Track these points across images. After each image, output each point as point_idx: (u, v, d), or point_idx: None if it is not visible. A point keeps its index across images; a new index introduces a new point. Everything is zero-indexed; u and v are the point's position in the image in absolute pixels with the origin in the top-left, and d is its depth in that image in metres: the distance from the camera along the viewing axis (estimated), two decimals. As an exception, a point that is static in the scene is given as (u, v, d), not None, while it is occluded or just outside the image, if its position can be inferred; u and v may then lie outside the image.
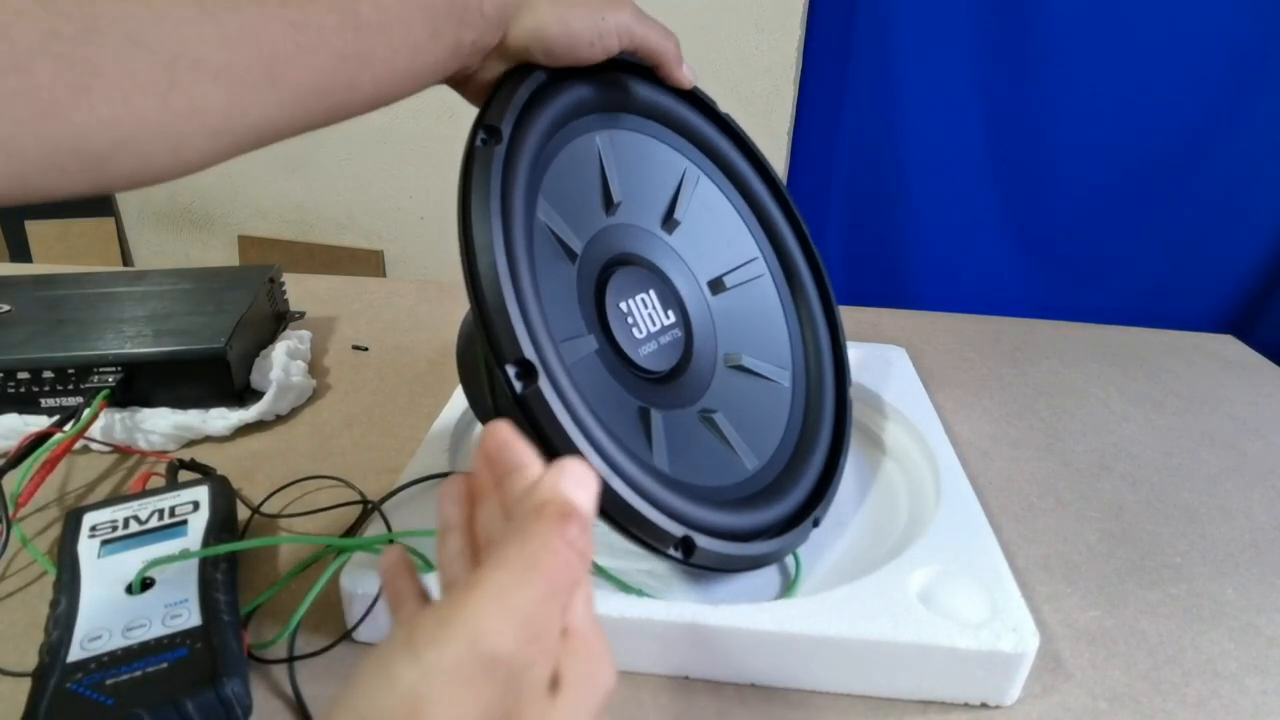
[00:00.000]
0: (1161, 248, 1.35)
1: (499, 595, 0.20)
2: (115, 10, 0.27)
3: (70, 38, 0.26)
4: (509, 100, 0.41)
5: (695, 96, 0.52)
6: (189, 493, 0.48)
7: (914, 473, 0.56)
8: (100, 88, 0.27)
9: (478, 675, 0.19)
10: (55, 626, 0.39)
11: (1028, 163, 1.37)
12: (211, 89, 0.29)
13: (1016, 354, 0.81)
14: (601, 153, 0.47)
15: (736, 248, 0.54)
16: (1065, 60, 1.28)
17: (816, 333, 0.54)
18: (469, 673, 0.19)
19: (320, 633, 0.43)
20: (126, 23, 0.27)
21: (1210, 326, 0.93)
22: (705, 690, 0.41)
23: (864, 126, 1.46)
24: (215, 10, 0.29)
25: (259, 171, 1.87)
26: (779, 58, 1.50)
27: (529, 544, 0.22)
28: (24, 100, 0.26)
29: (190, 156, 0.30)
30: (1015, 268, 1.45)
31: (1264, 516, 0.57)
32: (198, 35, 0.29)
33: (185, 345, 0.61)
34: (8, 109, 0.26)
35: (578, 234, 0.45)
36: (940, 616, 0.40)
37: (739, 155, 0.54)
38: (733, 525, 0.43)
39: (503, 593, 0.20)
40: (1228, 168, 1.27)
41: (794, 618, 0.40)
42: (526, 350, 0.36)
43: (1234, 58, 1.21)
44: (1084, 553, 0.52)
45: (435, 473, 0.51)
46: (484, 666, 0.19)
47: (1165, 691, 0.42)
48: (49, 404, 0.61)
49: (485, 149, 0.39)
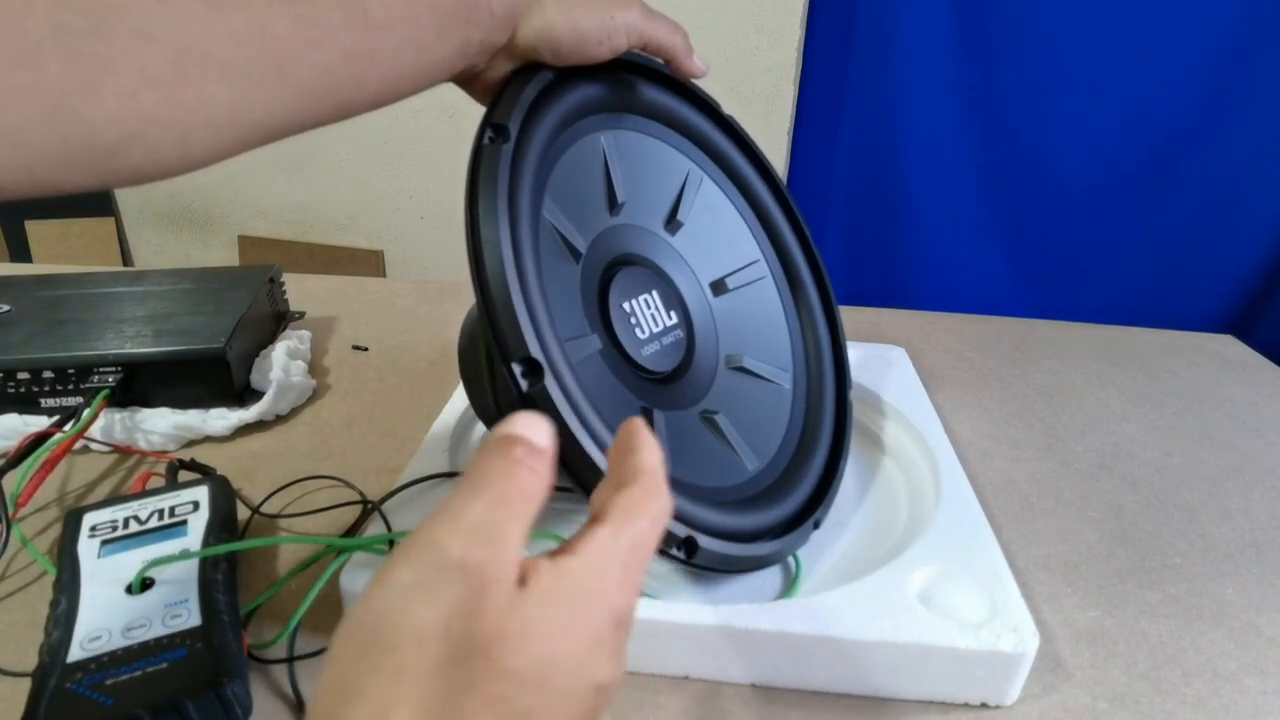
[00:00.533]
0: (1161, 248, 1.35)
1: (448, 511, 0.22)
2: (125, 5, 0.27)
3: (80, 32, 0.26)
4: (516, 99, 0.41)
5: (699, 99, 0.52)
6: (189, 493, 0.48)
7: (914, 473, 0.56)
8: (110, 82, 0.27)
9: (432, 580, 0.21)
10: (55, 626, 0.39)
11: (1027, 163, 1.37)
12: (219, 84, 0.29)
13: (1016, 354, 0.81)
14: (606, 153, 0.47)
15: (738, 249, 0.54)
16: (1064, 60, 1.29)
17: (817, 334, 0.54)
18: (424, 580, 0.21)
19: (320, 633, 0.43)
20: (136, 17, 0.27)
21: (1210, 326, 0.93)
22: (705, 690, 0.41)
23: (864, 126, 1.46)
24: (224, 6, 0.29)
25: (259, 171, 1.87)
26: (779, 58, 1.50)
27: (476, 466, 0.23)
28: (33, 94, 0.26)
29: (197, 151, 0.30)
30: (1015, 267, 1.45)
31: (1264, 516, 0.57)
32: (206, 31, 0.29)
33: (185, 345, 0.61)
34: (17, 103, 0.26)
35: (582, 233, 0.45)
36: (940, 616, 0.40)
37: (742, 157, 0.54)
38: (734, 526, 0.43)
39: (451, 509, 0.22)
40: (1228, 168, 1.27)
41: (794, 618, 0.40)
42: (533, 348, 0.36)
43: (1229, 59, 1.21)
44: (1084, 553, 0.52)
45: (435, 473, 0.51)
46: (437, 571, 0.21)
47: (1165, 691, 0.42)
48: (49, 404, 0.61)
49: (493, 147, 0.39)
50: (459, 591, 0.20)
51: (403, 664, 0.20)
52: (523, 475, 0.23)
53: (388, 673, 0.20)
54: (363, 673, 0.20)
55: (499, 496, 0.22)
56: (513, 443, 0.24)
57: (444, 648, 0.20)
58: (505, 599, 0.21)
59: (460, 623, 0.20)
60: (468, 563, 0.21)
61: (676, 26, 0.46)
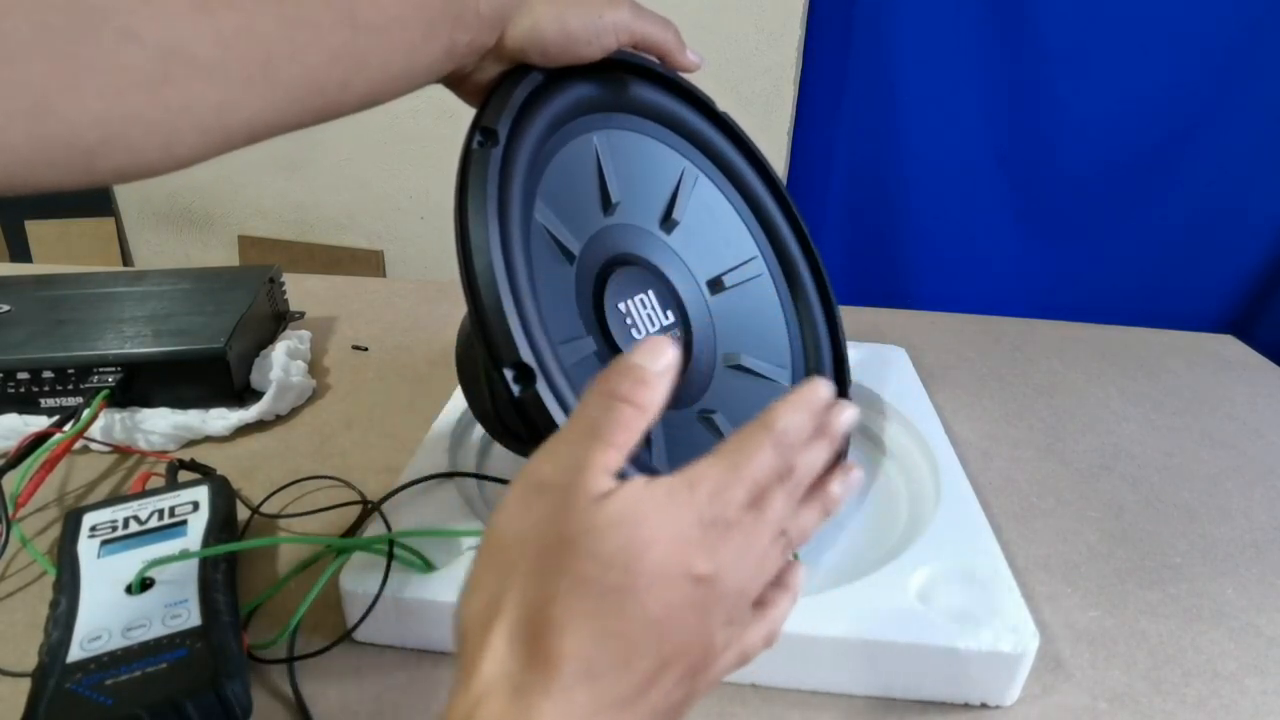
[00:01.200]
0: (1161, 247, 1.35)
1: (546, 446, 0.27)
2: (109, 4, 0.27)
3: (62, 31, 0.26)
4: (506, 102, 0.40)
5: (694, 96, 0.52)
6: (189, 493, 0.48)
7: (914, 473, 0.56)
8: (92, 82, 0.27)
9: (528, 497, 0.26)
10: (55, 627, 0.39)
11: (1027, 163, 1.37)
12: (204, 85, 0.29)
13: (1016, 354, 0.81)
14: (599, 153, 0.47)
15: (735, 247, 0.54)
16: (1064, 60, 1.28)
17: (816, 331, 0.54)
18: (523, 498, 0.26)
19: (320, 633, 0.43)
20: (120, 17, 0.27)
21: (1210, 326, 0.93)
22: (705, 690, 0.41)
23: (864, 126, 1.46)
24: (210, 6, 0.29)
25: (259, 171, 1.87)
26: (779, 58, 1.50)
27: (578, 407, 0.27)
28: (14, 93, 0.25)
29: (182, 152, 0.30)
30: (1015, 267, 1.45)
31: (1264, 516, 0.57)
32: (191, 30, 0.29)
33: (185, 345, 0.61)
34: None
35: (576, 235, 0.45)
36: (940, 616, 0.40)
37: (737, 154, 0.54)
38: None
39: (549, 444, 0.27)
40: (1228, 168, 1.27)
41: (794, 618, 0.39)
42: (524, 353, 0.36)
43: (1229, 58, 1.21)
44: (1084, 553, 0.52)
45: (435, 473, 0.51)
46: (534, 491, 0.26)
47: (1165, 691, 0.42)
48: (49, 404, 0.61)
49: (482, 151, 0.39)
50: (550, 501, 0.25)
51: (507, 560, 0.25)
52: (615, 408, 0.26)
53: (496, 568, 0.25)
54: (481, 571, 0.26)
55: (588, 429, 0.26)
56: (608, 382, 0.27)
57: (539, 545, 0.25)
58: (590, 503, 0.25)
59: (550, 525, 0.25)
60: (556, 481, 0.25)
61: (667, 23, 0.45)
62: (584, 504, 0.25)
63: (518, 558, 0.25)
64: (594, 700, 0.23)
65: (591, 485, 0.25)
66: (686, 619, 0.25)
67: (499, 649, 0.24)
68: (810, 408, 0.28)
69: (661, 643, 0.24)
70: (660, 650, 0.24)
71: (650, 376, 0.27)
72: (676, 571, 0.24)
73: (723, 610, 0.26)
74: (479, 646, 0.24)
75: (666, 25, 0.45)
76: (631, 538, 0.24)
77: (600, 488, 0.25)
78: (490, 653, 0.24)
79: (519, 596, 0.24)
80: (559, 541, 0.24)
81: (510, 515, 0.26)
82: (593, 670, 0.23)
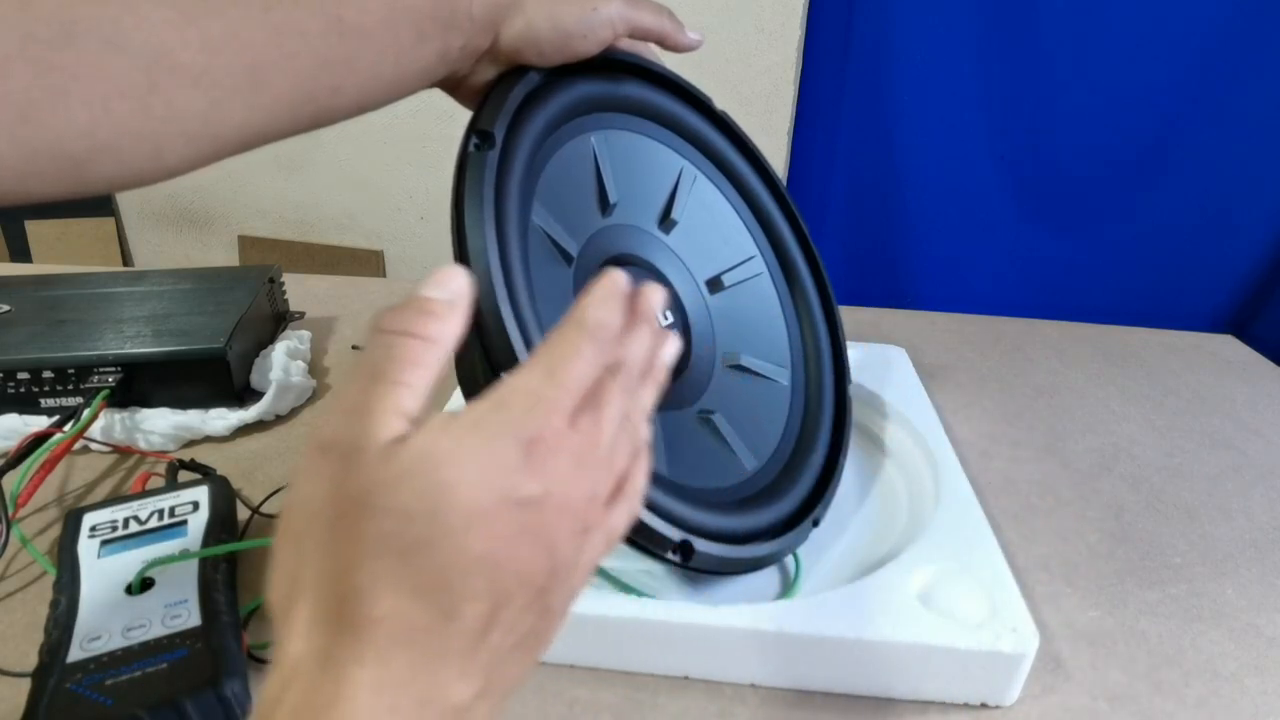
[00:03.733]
0: (1161, 247, 1.35)
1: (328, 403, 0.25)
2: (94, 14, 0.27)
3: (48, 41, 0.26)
4: (501, 104, 0.40)
5: (692, 95, 0.52)
6: (189, 493, 0.48)
7: (914, 473, 0.56)
8: (78, 92, 0.27)
9: (313, 463, 0.23)
10: (55, 627, 0.39)
11: (1027, 162, 1.37)
12: (192, 93, 0.29)
13: (1016, 354, 0.81)
14: (597, 154, 0.47)
15: (734, 246, 0.54)
16: (1063, 59, 1.28)
17: (816, 330, 0.54)
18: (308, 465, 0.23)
19: (320, 633, 0.43)
20: (106, 26, 0.27)
21: (1210, 326, 0.93)
22: (705, 690, 0.41)
23: (864, 126, 1.46)
24: (196, 14, 0.29)
25: (259, 171, 1.87)
26: (779, 58, 1.50)
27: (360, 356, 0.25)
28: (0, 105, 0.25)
29: (171, 160, 0.30)
30: (1015, 267, 1.45)
31: (1264, 516, 0.57)
32: (178, 39, 0.29)
33: (185, 345, 0.61)
34: None
35: (574, 236, 0.45)
36: (940, 616, 0.40)
37: (736, 153, 0.54)
38: (732, 527, 0.43)
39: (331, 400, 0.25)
40: (1227, 168, 1.27)
41: (794, 618, 0.40)
42: (521, 358, 0.36)
43: (1231, 56, 1.21)
44: (1084, 553, 0.52)
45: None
46: (318, 454, 0.23)
47: (1165, 691, 0.42)
48: (49, 404, 0.61)
49: (478, 154, 0.39)
50: (335, 460, 0.23)
51: (300, 533, 0.23)
52: (397, 343, 0.24)
53: (291, 544, 0.23)
54: (277, 551, 0.24)
55: (370, 374, 0.24)
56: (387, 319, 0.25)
57: (332, 510, 0.22)
58: (376, 456, 0.22)
59: (339, 487, 0.22)
60: (338, 440, 0.23)
61: (660, 8, 0.45)
62: (373, 456, 0.22)
63: (310, 528, 0.23)
64: (416, 660, 0.22)
65: (379, 432, 0.23)
66: (519, 549, 0.23)
67: (302, 628, 0.22)
68: (616, 296, 0.27)
69: (494, 581, 0.22)
70: (493, 589, 0.22)
71: (435, 305, 0.25)
72: (494, 503, 0.22)
73: (567, 523, 0.24)
74: (285, 629, 0.23)
75: (660, 10, 0.45)
76: (431, 482, 0.22)
77: (390, 432, 0.23)
78: (294, 633, 0.22)
79: (316, 570, 0.22)
80: (350, 503, 0.22)
81: (298, 485, 0.23)
82: (411, 629, 0.22)
